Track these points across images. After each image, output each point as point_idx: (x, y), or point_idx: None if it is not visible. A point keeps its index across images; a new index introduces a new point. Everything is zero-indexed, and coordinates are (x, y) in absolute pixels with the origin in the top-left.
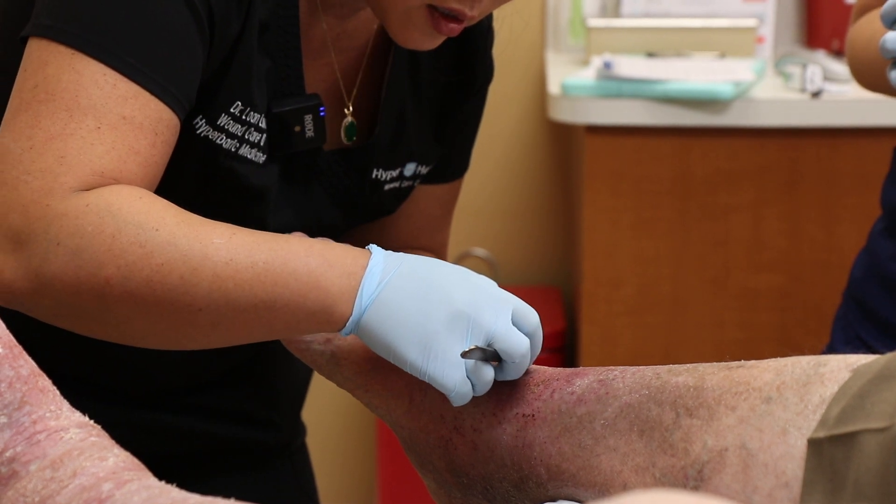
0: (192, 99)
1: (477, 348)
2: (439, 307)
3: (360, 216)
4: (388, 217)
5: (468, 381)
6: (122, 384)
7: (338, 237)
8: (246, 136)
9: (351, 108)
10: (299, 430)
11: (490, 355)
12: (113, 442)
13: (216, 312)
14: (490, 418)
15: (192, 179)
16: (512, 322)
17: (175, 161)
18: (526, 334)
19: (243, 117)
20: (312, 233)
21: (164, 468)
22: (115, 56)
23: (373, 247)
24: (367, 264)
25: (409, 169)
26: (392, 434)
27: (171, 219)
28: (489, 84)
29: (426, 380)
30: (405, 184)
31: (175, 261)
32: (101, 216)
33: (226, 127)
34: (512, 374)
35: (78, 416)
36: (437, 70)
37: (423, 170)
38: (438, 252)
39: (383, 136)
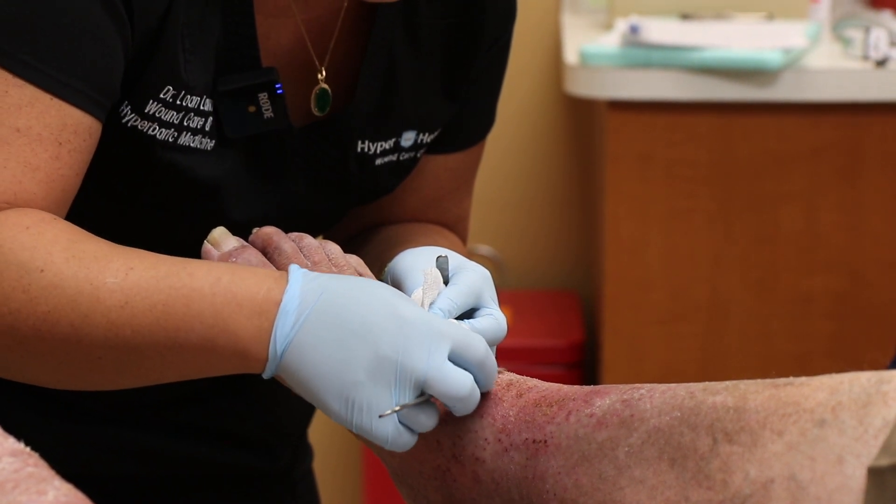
0: (114, 91)
1: (399, 408)
2: (360, 352)
3: (350, 199)
4: (388, 195)
5: (403, 430)
6: (85, 396)
7: (329, 226)
8: (185, 123)
9: (324, 74)
10: (304, 453)
11: (427, 398)
12: (53, 473)
13: (118, 359)
14: (495, 445)
15: (129, 178)
16: (451, 358)
17: (104, 159)
18: (472, 366)
19: (178, 102)
20: (294, 225)
21: (132, 494)
22: (5, 54)
23: (293, 270)
24: (282, 300)
25: (408, 138)
26: (379, 463)
27: (59, 255)
28: (513, 21)
29: (355, 432)
30: (404, 156)
31: (63, 307)
32: None
33: (157, 115)
34: (460, 412)
35: (12, 442)
36: (437, 10)
37: (427, 138)
38: (454, 227)
39: (366, 100)
